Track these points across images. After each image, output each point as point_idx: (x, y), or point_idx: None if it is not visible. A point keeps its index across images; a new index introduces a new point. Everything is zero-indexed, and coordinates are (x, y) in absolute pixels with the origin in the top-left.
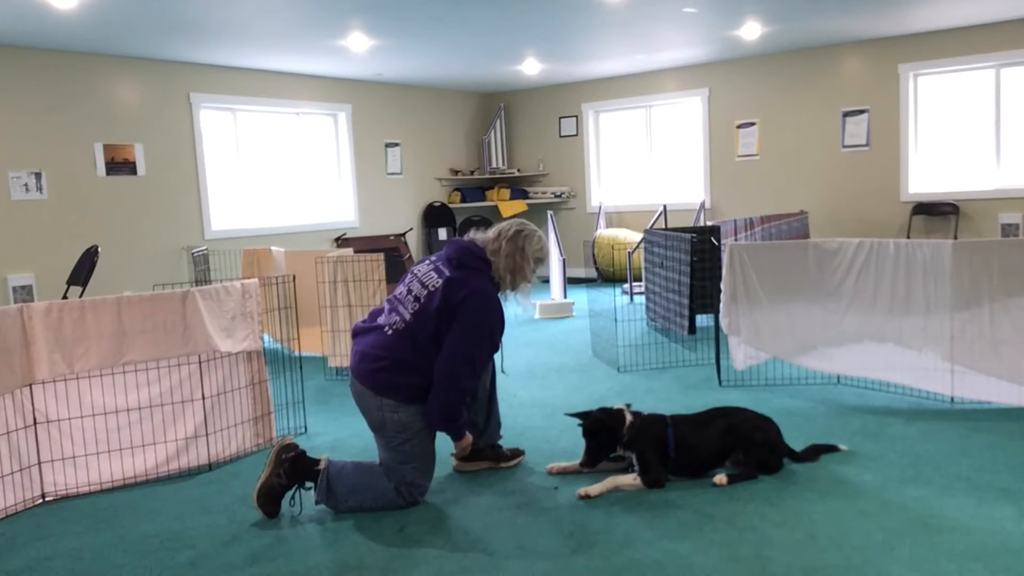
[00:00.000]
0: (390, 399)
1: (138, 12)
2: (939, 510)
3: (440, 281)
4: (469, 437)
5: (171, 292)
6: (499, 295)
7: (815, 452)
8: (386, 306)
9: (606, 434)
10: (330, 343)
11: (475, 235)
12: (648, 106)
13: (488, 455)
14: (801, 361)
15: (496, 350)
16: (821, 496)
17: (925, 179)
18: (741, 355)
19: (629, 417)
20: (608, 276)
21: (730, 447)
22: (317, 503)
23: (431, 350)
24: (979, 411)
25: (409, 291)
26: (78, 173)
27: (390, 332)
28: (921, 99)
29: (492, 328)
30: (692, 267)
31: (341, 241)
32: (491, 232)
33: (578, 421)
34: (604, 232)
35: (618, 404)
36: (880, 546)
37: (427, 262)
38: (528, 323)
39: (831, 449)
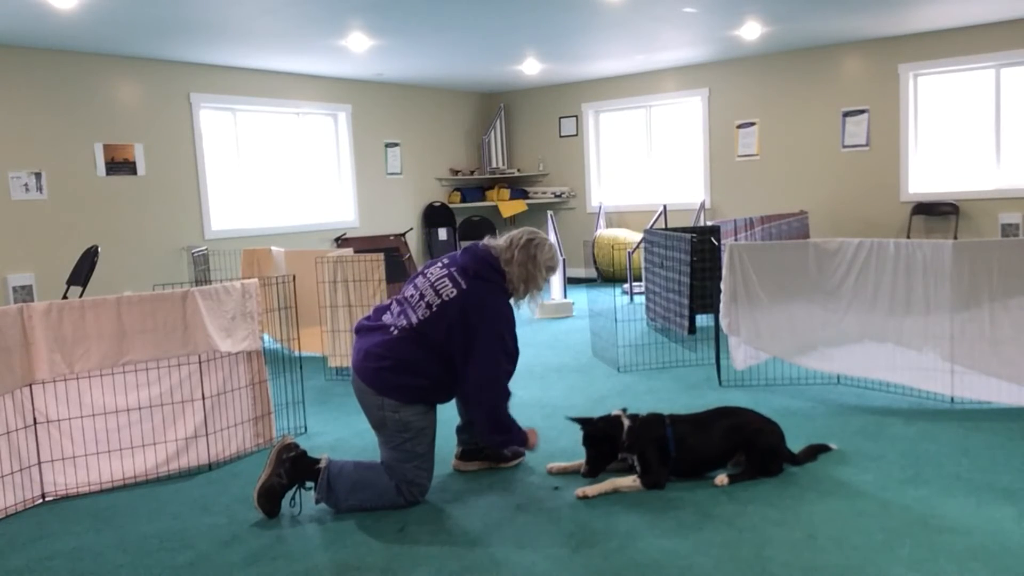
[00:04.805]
0: (391, 399)
1: (138, 12)
2: (939, 510)
3: (455, 292)
4: (533, 436)
5: (171, 292)
6: (512, 303)
7: (813, 452)
8: (394, 307)
9: (607, 443)
10: (330, 343)
11: (489, 242)
12: (648, 106)
13: (488, 455)
14: (801, 361)
15: (517, 358)
16: (821, 496)
17: (925, 179)
18: (741, 355)
19: (627, 423)
20: (608, 276)
21: (733, 448)
22: (317, 502)
23: (435, 355)
24: (979, 411)
25: (422, 296)
26: (78, 173)
27: (396, 333)
28: (921, 99)
29: (511, 340)
30: (692, 267)
31: (341, 241)
32: (503, 240)
33: (580, 428)
34: (604, 232)
35: (615, 410)
36: (880, 546)
37: (440, 265)
38: (528, 323)
39: (824, 449)
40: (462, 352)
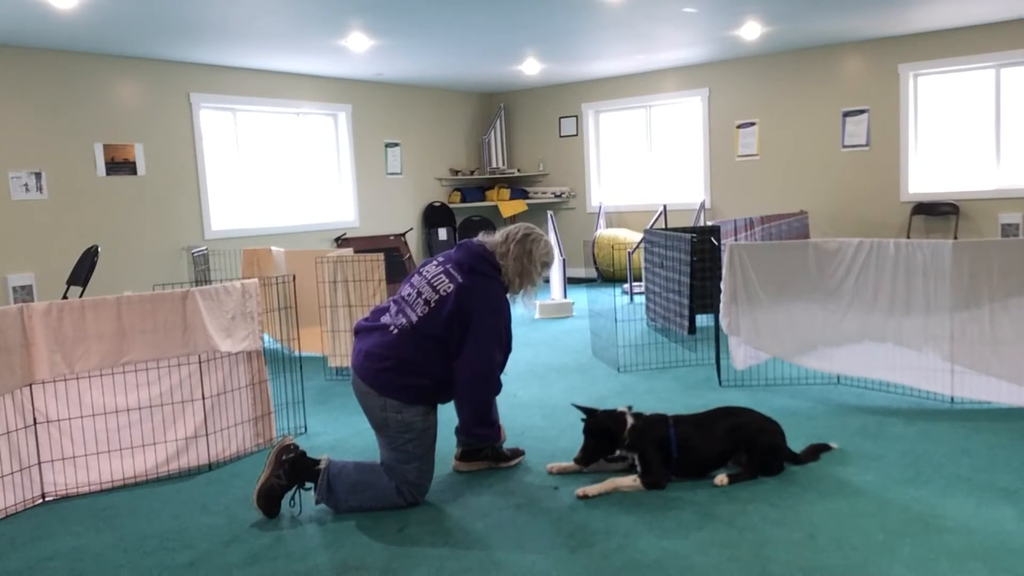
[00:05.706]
0: (394, 400)
1: (138, 12)
2: (939, 510)
3: (452, 287)
4: (503, 432)
5: (171, 292)
6: (508, 298)
7: (814, 452)
8: (392, 307)
9: (606, 437)
10: (330, 343)
11: (484, 238)
12: (648, 106)
13: (488, 455)
14: (801, 361)
15: (509, 352)
16: (821, 496)
17: (925, 179)
18: (741, 355)
19: (631, 420)
20: (608, 276)
21: (733, 448)
22: (317, 503)
23: (436, 353)
24: (979, 411)
25: (419, 293)
26: (78, 173)
27: (395, 332)
28: (921, 99)
29: (506, 333)
30: (692, 267)
31: (341, 241)
32: (498, 235)
33: (582, 416)
34: (604, 232)
35: (621, 407)
36: (880, 546)
37: (435, 263)
38: (528, 323)
39: (825, 448)
40: (459, 345)
